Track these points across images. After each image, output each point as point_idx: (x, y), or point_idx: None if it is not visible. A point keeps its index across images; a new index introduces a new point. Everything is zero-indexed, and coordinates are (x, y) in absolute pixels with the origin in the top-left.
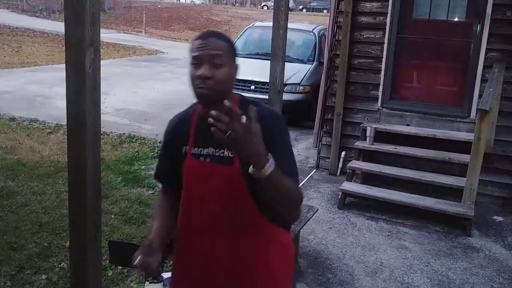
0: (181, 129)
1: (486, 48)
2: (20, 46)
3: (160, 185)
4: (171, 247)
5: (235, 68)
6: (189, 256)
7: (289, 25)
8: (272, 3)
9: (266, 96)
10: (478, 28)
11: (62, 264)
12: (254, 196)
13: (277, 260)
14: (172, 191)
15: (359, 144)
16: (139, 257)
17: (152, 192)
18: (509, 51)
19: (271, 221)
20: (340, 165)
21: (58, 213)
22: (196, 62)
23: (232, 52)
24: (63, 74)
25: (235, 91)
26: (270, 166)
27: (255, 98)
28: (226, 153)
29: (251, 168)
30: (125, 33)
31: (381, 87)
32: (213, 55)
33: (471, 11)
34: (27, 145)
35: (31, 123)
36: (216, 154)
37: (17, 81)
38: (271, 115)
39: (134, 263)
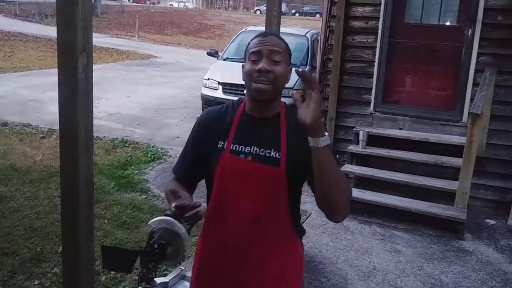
0: (219, 123)
1: (478, 52)
2: (13, 51)
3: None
4: (166, 251)
5: (289, 71)
6: (213, 255)
7: (282, 29)
8: (265, 8)
9: None
10: (470, 32)
11: (54, 269)
12: (291, 204)
13: (292, 271)
14: (187, 184)
15: (352, 148)
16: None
17: (145, 197)
18: (500, 55)
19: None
20: None
21: (51, 218)
22: (255, 58)
23: (288, 54)
24: (55, 78)
25: (227, 94)
26: (326, 139)
27: None
28: (272, 153)
29: (309, 138)
30: (118, 37)
31: (373, 91)
32: (273, 51)
33: (463, 15)
34: (20, 150)
35: (24, 127)
36: (261, 153)
37: (9, 86)
38: None
39: (171, 205)
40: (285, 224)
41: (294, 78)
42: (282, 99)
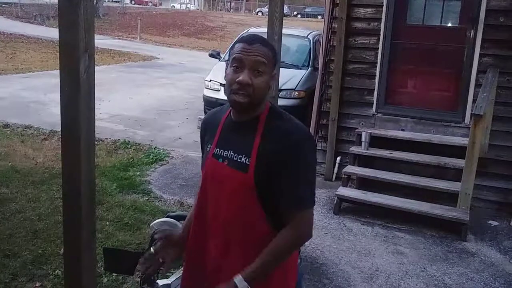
0: (212, 126)
1: (480, 53)
2: (15, 52)
3: None
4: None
5: (273, 77)
6: (201, 258)
7: (284, 31)
8: (267, 9)
9: None
10: (472, 34)
11: (56, 272)
12: (267, 209)
13: (278, 274)
14: None
15: (354, 149)
16: (157, 245)
17: (147, 198)
18: (503, 56)
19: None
20: (335, 170)
21: (53, 220)
22: (237, 65)
23: (274, 62)
24: (57, 80)
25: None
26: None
27: None
28: (243, 159)
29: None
30: (120, 39)
31: (375, 92)
32: (256, 62)
33: (465, 16)
34: (21, 152)
35: (25, 129)
36: (234, 158)
37: (11, 88)
38: (291, 132)
39: (152, 249)
40: (263, 229)
41: (295, 80)
42: (282, 100)
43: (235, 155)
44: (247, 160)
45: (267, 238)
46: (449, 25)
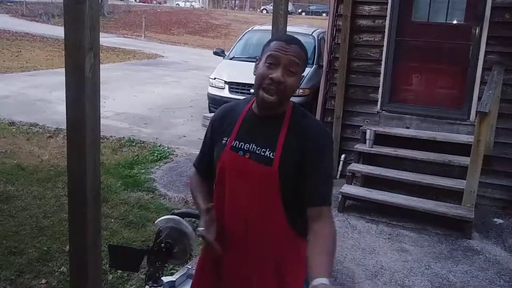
0: (228, 119)
1: (485, 51)
2: (20, 51)
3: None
4: (172, 250)
5: (301, 78)
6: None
7: (288, 28)
8: (271, 7)
9: None
10: (477, 31)
11: (62, 269)
12: (286, 203)
13: (294, 270)
14: (206, 176)
15: (359, 147)
16: (202, 228)
17: (152, 196)
18: (508, 54)
19: (298, 232)
20: (340, 168)
21: (58, 217)
22: (272, 62)
23: (305, 64)
24: (62, 78)
25: (234, 93)
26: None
27: None
28: (267, 153)
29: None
30: (124, 37)
31: (380, 90)
32: (292, 62)
33: (470, 14)
34: (27, 149)
35: (31, 127)
36: (257, 152)
37: (16, 86)
38: (315, 130)
39: (198, 233)
40: (281, 222)
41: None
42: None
43: (258, 148)
44: (271, 154)
45: (283, 230)
46: (455, 22)
